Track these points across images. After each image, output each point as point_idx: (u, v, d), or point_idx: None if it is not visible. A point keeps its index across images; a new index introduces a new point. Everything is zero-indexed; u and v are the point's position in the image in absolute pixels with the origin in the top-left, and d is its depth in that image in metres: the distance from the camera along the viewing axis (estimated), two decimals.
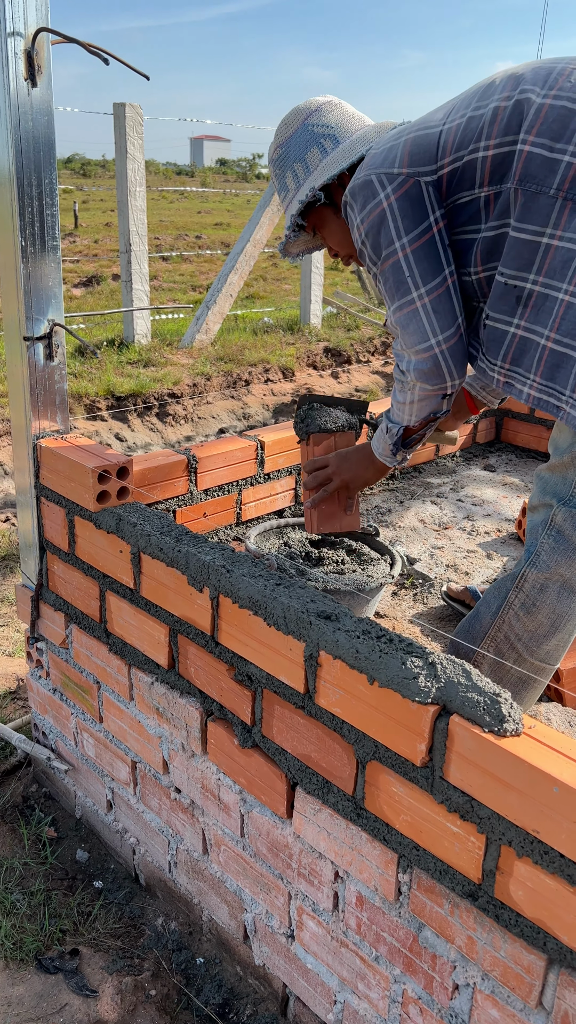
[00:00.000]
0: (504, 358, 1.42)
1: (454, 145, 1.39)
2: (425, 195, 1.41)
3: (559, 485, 1.49)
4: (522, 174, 1.32)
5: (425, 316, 1.45)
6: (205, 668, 1.46)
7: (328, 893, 1.33)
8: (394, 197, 1.41)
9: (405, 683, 1.08)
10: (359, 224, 1.47)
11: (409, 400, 1.56)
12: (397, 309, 1.47)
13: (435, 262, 1.43)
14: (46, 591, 1.88)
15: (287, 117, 1.64)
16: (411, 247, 1.42)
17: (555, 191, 1.29)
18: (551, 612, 1.49)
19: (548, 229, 1.31)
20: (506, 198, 1.36)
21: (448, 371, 1.48)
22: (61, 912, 1.73)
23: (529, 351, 1.38)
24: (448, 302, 1.45)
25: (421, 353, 1.47)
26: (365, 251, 1.49)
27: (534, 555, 1.50)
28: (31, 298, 1.64)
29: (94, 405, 5.20)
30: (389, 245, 1.43)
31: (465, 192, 1.40)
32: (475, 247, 1.43)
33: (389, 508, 2.78)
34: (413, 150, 1.42)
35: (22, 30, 1.49)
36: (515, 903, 1.03)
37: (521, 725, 1.02)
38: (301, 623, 1.23)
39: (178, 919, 1.70)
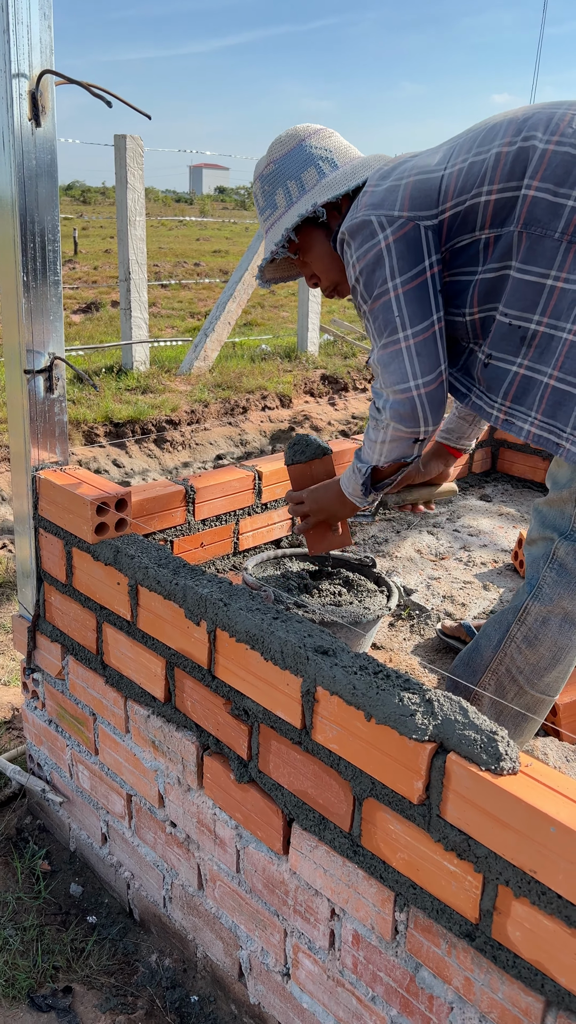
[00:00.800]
0: (505, 396, 1.44)
1: (456, 190, 1.41)
2: (423, 239, 1.43)
3: (558, 519, 1.50)
4: (527, 218, 1.35)
5: (408, 358, 1.46)
6: (202, 702, 1.45)
7: (324, 931, 1.32)
8: (392, 239, 1.43)
9: (402, 720, 1.09)
10: (355, 262, 1.48)
11: (380, 439, 1.56)
12: (382, 348, 1.49)
13: (425, 306, 1.44)
14: (43, 622, 1.88)
15: (282, 136, 1.65)
16: (403, 288, 1.44)
17: (560, 234, 1.32)
18: (553, 644, 1.50)
19: (553, 271, 1.34)
20: (508, 241, 1.38)
21: (424, 416, 1.49)
22: (54, 948, 1.71)
23: (532, 390, 1.40)
24: (433, 347, 1.46)
25: (400, 394, 1.47)
26: (358, 288, 1.50)
27: (537, 588, 1.51)
28: (32, 332, 1.66)
29: (92, 432, 5.22)
30: (382, 284, 1.45)
31: (466, 235, 1.43)
32: (471, 288, 1.45)
33: (386, 538, 2.79)
34: (414, 194, 1.44)
35: (27, 72, 1.52)
36: (513, 944, 1.02)
37: (518, 763, 1.03)
38: (298, 658, 1.23)
39: (172, 956, 1.68)
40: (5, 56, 1.49)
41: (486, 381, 1.47)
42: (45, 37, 1.53)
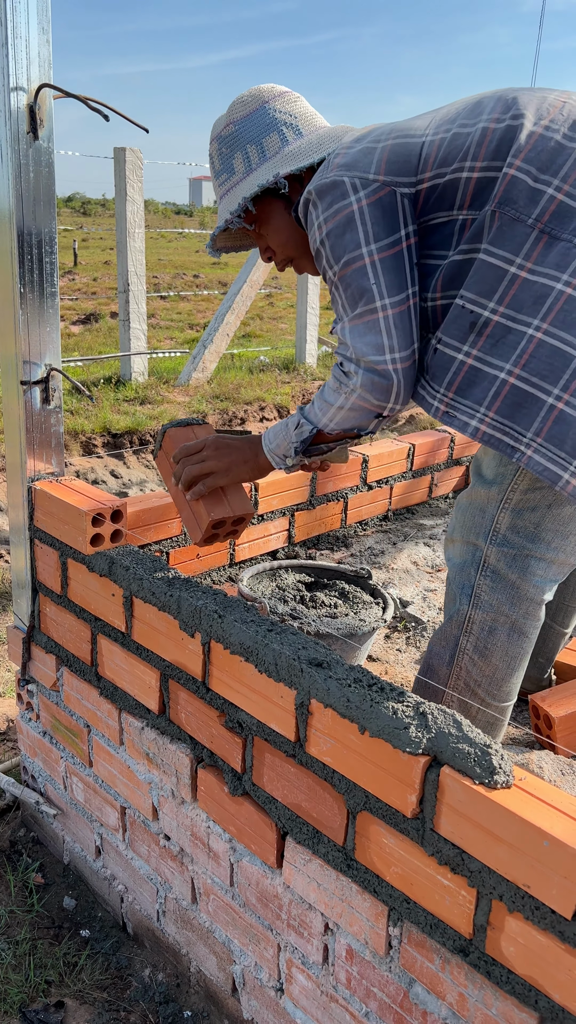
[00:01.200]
0: (449, 387, 1.34)
1: (436, 160, 1.33)
2: (399, 206, 1.34)
3: (479, 519, 1.44)
4: (503, 197, 1.28)
5: (386, 329, 1.36)
6: (196, 714, 1.45)
7: (318, 946, 1.31)
8: (366, 202, 1.34)
9: (396, 733, 1.08)
10: (321, 223, 1.37)
11: (339, 404, 1.43)
12: (357, 316, 1.37)
13: (402, 277, 1.35)
14: (38, 633, 1.88)
15: (244, 96, 1.53)
16: (379, 255, 1.34)
17: (534, 221, 1.26)
18: (504, 654, 1.46)
19: (518, 259, 1.27)
20: (481, 222, 1.31)
21: (398, 392, 1.39)
22: (47, 962, 1.70)
23: (480, 383, 1.31)
24: (408, 322, 1.37)
25: (377, 365, 1.37)
26: (323, 252, 1.40)
27: (474, 596, 1.45)
28: (29, 343, 1.66)
29: (90, 442, 5.22)
30: (355, 249, 1.35)
31: (443, 213, 1.35)
32: (438, 272, 1.37)
33: (382, 550, 2.79)
34: (391, 157, 1.35)
35: (25, 85, 1.53)
36: (506, 959, 1.02)
37: (512, 777, 1.02)
38: (292, 670, 1.23)
39: (166, 970, 1.67)
40: (3, 70, 1.50)
41: (431, 369, 1.38)
42: (44, 51, 1.54)
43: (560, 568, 1.43)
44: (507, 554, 1.41)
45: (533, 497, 1.38)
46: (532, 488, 1.38)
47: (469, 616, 1.46)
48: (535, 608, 1.44)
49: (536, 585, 1.42)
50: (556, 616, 1.83)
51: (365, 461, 2.78)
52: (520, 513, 1.40)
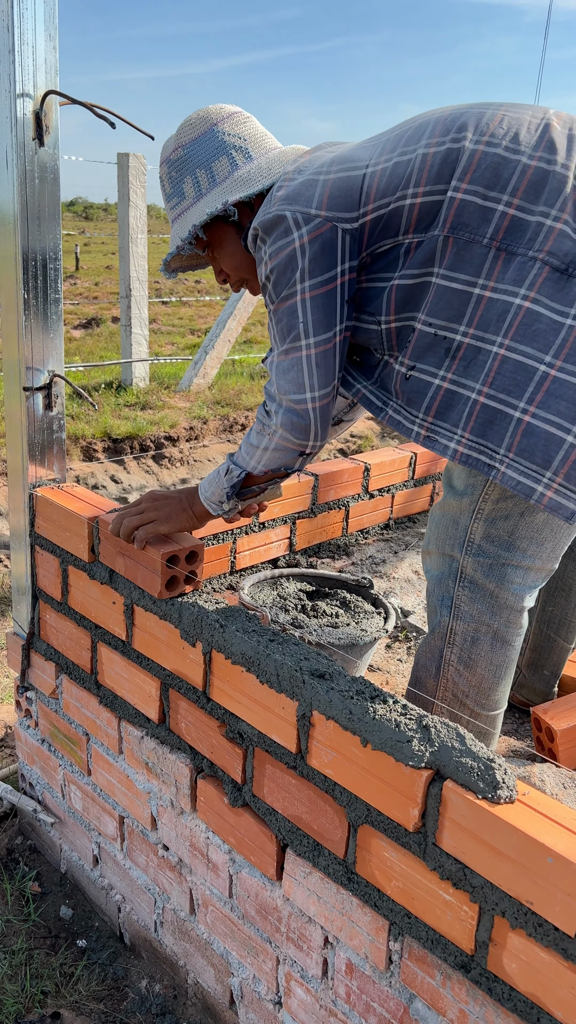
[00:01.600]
0: (427, 411, 1.35)
1: (379, 192, 1.33)
2: (339, 243, 1.35)
3: (453, 531, 1.44)
4: (454, 222, 1.28)
5: (307, 368, 1.39)
6: (196, 724, 1.44)
7: (317, 959, 1.30)
8: (307, 238, 1.34)
9: (398, 746, 1.07)
10: (267, 259, 1.39)
11: (264, 446, 1.46)
12: (284, 352, 1.41)
13: (330, 315, 1.37)
14: (37, 640, 1.87)
15: (192, 118, 1.52)
16: (311, 293, 1.36)
17: (489, 240, 1.26)
18: (489, 663, 1.45)
19: (480, 279, 1.27)
20: (431, 246, 1.31)
21: (315, 430, 1.43)
22: (43, 973, 1.69)
23: (456, 405, 1.32)
24: (331, 360, 1.39)
25: (295, 404, 1.40)
26: (268, 287, 1.42)
27: (454, 607, 1.45)
28: (32, 349, 1.66)
29: (91, 447, 5.22)
30: (291, 286, 1.37)
31: (388, 240, 1.35)
32: (387, 295, 1.37)
33: (383, 559, 2.78)
34: (333, 192, 1.35)
35: (31, 92, 1.53)
36: (508, 976, 1.01)
37: (515, 792, 1.01)
38: (294, 681, 1.22)
39: (163, 982, 1.66)
40: (10, 76, 1.50)
41: (406, 395, 1.38)
42: (50, 58, 1.54)
43: (538, 574, 1.43)
44: (483, 564, 1.41)
45: (505, 506, 1.39)
46: (503, 497, 1.38)
47: (451, 627, 1.46)
48: (516, 616, 1.44)
49: (515, 593, 1.42)
50: (560, 630, 1.82)
51: (367, 469, 2.78)
52: (493, 522, 1.40)
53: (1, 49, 1.50)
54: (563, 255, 1.24)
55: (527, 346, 1.25)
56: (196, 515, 1.54)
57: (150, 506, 1.53)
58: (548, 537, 1.40)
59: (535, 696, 1.91)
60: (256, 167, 1.47)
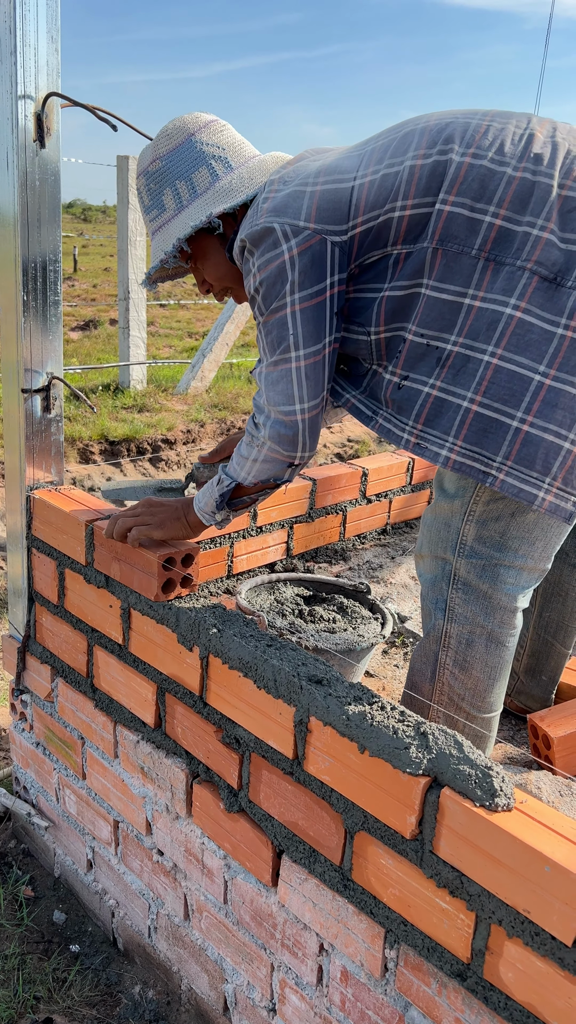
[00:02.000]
0: (417, 419, 1.36)
1: (367, 204, 1.34)
2: (328, 255, 1.35)
3: (444, 533, 1.45)
4: (443, 234, 1.29)
5: (297, 380, 1.39)
6: (192, 729, 1.44)
7: (312, 966, 1.29)
8: (296, 251, 1.34)
9: (396, 753, 1.07)
10: (256, 272, 1.39)
11: (253, 457, 1.47)
12: (272, 364, 1.41)
13: (320, 327, 1.38)
14: (33, 643, 1.86)
15: (169, 128, 1.50)
16: (300, 305, 1.37)
17: (477, 251, 1.28)
18: (484, 665, 1.46)
19: (470, 290, 1.29)
20: (420, 258, 1.32)
21: (303, 441, 1.44)
22: (36, 978, 1.68)
23: (446, 412, 1.32)
24: (320, 372, 1.40)
25: (284, 415, 1.41)
26: (257, 299, 1.42)
27: (448, 610, 1.46)
28: (31, 351, 1.66)
29: (87, 449, 5.21)
30: (280, 299, 1.37)
31: (377, 251, 1.36)
32: (376, 306, 1.38)
33: (380, 564, 2.78)
34: (322, 204, 1.35)
35: (33, 93, 1.53)
36: (505, 985, 1.00)
37: (513, 800, 1.01)
38: (291, 687, 1.21)
39: (156, 987, 1.65)
40: (12, 78, 1.50)
41: (396, 403, 1.39)
42: (52, 60, 1.54)
43: (531, 574, 1.44)
44: (476, 565, 1.42)
45: (496, 507, 1.40)
46: (494, 499, 1.39)
47: (445, 630, 1.47)
48: (510, 616, 1.44)
49: (508, 593, 1.43)
50: (557, 635, 1.82)
51: (364, 474, 2.77)
52: (485, 524, 1.41)
53: (3, 51, 1.50)
54: (551, 264, 1.26)
55: (521, 356, 1.26)
56: (190, 524, 1.55)
57: (146, 511, 1.54)
58: (539, 536, 1.41)
59: (533, 703, 1.91)
60: (237, 177, 1.47)
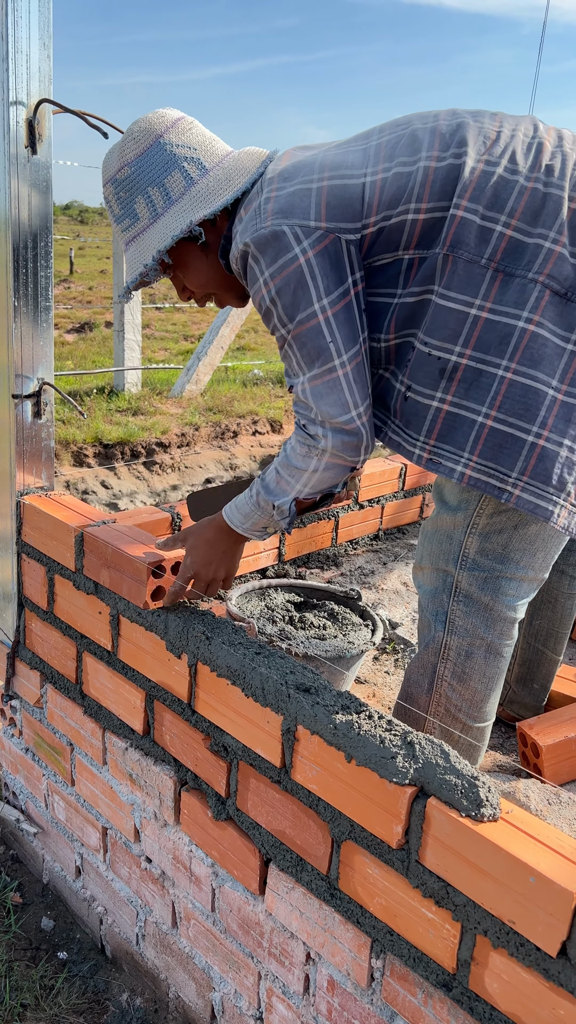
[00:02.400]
0: (429, 434, 1.33)
1: (381, 203, 1.29)
2: (345, 253, 1.30)
3: (446, 546, 1.44)
4: (454, 240, 1.26)
5: (347, 386, 1.33)
6: (181, 736, 1.43)
7: (299, 975, 1.29)
8: (312, 253, 1.28)
9: (383, 763, 1.07)
10: (267, 279, 1.31)
11: (312, 468, 1.39)
12: (315, 377, 1.34)
13: (353, 327, 1.32)
14: (22, 648, 1.86)
15: (135, 131, 1.41)
16: (332, 310, 1.30)
17: (487, 261, 1.25)
18: (482, 676, 1.46)
19: (478, 300, 1.26)
20: (432, 264, 1.29)
21: (367, 443, 1.38)
22: (23, 985, 1.67)
23: (461, 427, 1.30)
24: (364, 370, 1.35)
25: (345, 425, 1.35)
26: (274, 311, 1.34)
27: (449, 623, 1.45)
28: (22, 356, 1.65)
29: (81, 452, 5.21)
30: (308, 307, 1.30)
31: (388, 254, 1.31)
32: (390, 312, 1.34)
33: (372, 570, 2.78)
34: (331, 201, 1.29)
35: (24, 100, 1.53)
36: (490, 996, 1.00)
37: (499, 810, 1.01)
38: (279, 695, 1.21)
39: (144, 995, 1.64)
40: (3, 84, 1.50)
41: (404, 416, 1.36)
42: (44, 67, 1.54)
43: (531, 585, 1.44)
44: (479, 577, 1.42)
45: (500, 520, 1.39)
46: (498, 511, 1.38)
47: (445, 643, 1.46)
48: (509, 627, 1.45)
49: (509, 604, 1.43)
50: (548, 642, 1.83)
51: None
52: (488, 536, 1.40)
53: None
54: (563, 279, 1.25)
55: (535, 370, 1.26)
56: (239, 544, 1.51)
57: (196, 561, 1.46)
58: (540, 547, 1.41)
59: (525, 711, 1.91)
60: (214, 179, 1.39)
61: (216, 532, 1.48)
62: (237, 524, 1.46)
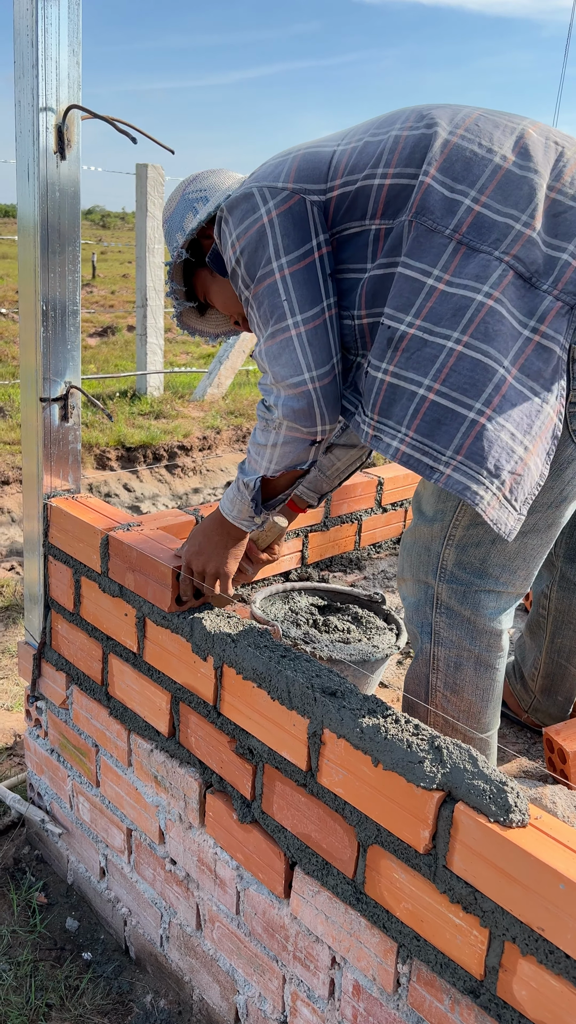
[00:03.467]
0: (373, 407, 1.26)
1: (347, 168, 1.28)
2: (309, 214, 1.29)
3: (424, 557, 1.41)
4: (419, 207, 1.22)
5: (300, 347, 1.30)
6: (206, 738, 1.44)
7: (324, 979, 1.29)
8: (276, 212, 1.29)
9: (410, 767, 1.07)
10: (234, 241, 1.33)
11: (272, 442, 1.38)
12: (269, 337, 1.32)
13: (314, 289, 1.30)
14: (48, 650, 1.87)
15: (172, 192, 1.54)
16: (289, 269, 1.29)
17: (451, 231, 1.21)
18: (475, 688, 1.43)
19: (436, 271, 1.21)
20: (399, 233, 1.25)
21: (321, 413, 1.33)
22: (48, 985, 1.68)
23: (400, 400, 1.23)
24: (324, 336, 1.31)
25: (293, 388, 1.31)
26: (239, 272, 1.34)
27: (434, 634, 1.43)
28: (49, 360, 1.67)
29: (104, 455, 5.24)
30: (267, 264, 1.30)
31: (355, 223, 1.29)
32: (359, 288, 1.31)
33: (395, 574, 2.77)
34: (301, 166, 1.31)
35: (54, 106, 1.54)
36: (518, 1003, 0.99)
37: (527, 816, 1.00)
38: (305, 699, 1.21)
39: (168, 997, 1.65)
40: (33, 90, 1.51)
41: (364, 393, 1.31)
42: (73, 73, 1.55)
43: (511, 597, 1.41)
44: (457, 591, 1.39)
45: (476, 533, 1.35)
46: (474, 523, 1.34)
47: (433, 654, 1.44)
48: (495, 640, 1.41)
49: (490, 617, 1.40)
50: (571, 659, 1.81)
51: (380, 483, 2.77)
52: (465, 549, 1.36)
53: (24, 64, 1.52)
54: (530, 263, 1.20)
55: (488, 345, 1.18)
56: (235, 539, 1.50)
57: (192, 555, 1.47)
58: (520, 565, 1.38)
59: (549, 719, 1.89)
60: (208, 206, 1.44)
61: (212, 522, 1.50)
62: (227, 512, 1.47)
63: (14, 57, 1.54)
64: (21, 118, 1.55)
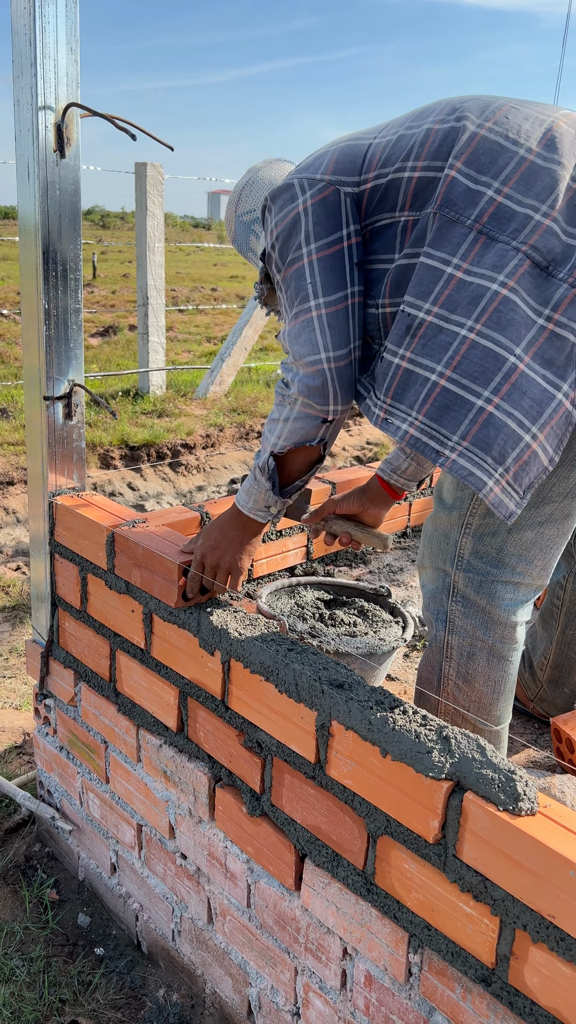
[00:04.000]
0: (387, 392, 1.30)
1: (380, 160, 1.34)
2: (342, 205, 1.35)
3: (443, 545, 1.42)
4: (444, 199, 1.26)
5: (319, 329, 1.35)
6: (214, 733, 1.44)
7: (336, 971, 1.29)
8: (311, 202, 1.36)
9: (419, 757, 1.07)
10: (273, 227, 1.40)
11: (285, 417, 1.41)
12: (293, 317, 1.39)
13: (339, 276, 1.35)
14: (56, 648, 1.88)
15: (226, 213, 1.65)
16: (317, 255, 1.35)
17: (472, 222, 1.23)
18: (487, 679, 1.44)
19: (455, 259, 1.24)
20: (424, 224, 1.29)
21: (334, 392, 1.37)
22: (61, 980, 1.69)
23: (413, 386, 1.26)
24: (344, 321, 1.36)
25: (310, 367, 1.36)
26: (273, 256, 1.41)
27: (449, 622, 1.43)
28: (52, 359, 1.67)
29: (108, 455, 5.25)
30: (297, 250, 1.37)
31: (385, 214, 1.34)
32: (386, 278, 1.36)
33: (401, 567, 2.77)
34: (339, 158, 1.37)
35: (53, 104, 1.54)
36: (530, 991, 1.00)
37: (536, 804, 1.01)
38: (313, 691, 1.22)
39: (180, 991, 1.65)
40: (32, 89, 1.52)
41: (379, 377, 1.34)
42: (71, 71, 1.56)
43: (528, 589, 1.41)
44: (473, 580, 1.39)
45: (492, 521, 1.36)
46: (490, 512, 1.35)
47: (447, 642, 1.44)
48: (510, 631, 1.41)
49: (506, 608, 1.40)
50: None
51: None
52: (481, 538, 1.37)
53: (23, 63, 1.52)
54: (547, 251, 1.21)
55: (499, 334, 1.20)
56: (249, 532, 1.51)
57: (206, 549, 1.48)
58: (537, 556, 1.38)
59: (554, 710, 1.89)
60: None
61: (228, 517, 1.51)
62: (243, 504, 1.49)
63: (13, 56, 1.54)
64: (20, 117, 1.56)
